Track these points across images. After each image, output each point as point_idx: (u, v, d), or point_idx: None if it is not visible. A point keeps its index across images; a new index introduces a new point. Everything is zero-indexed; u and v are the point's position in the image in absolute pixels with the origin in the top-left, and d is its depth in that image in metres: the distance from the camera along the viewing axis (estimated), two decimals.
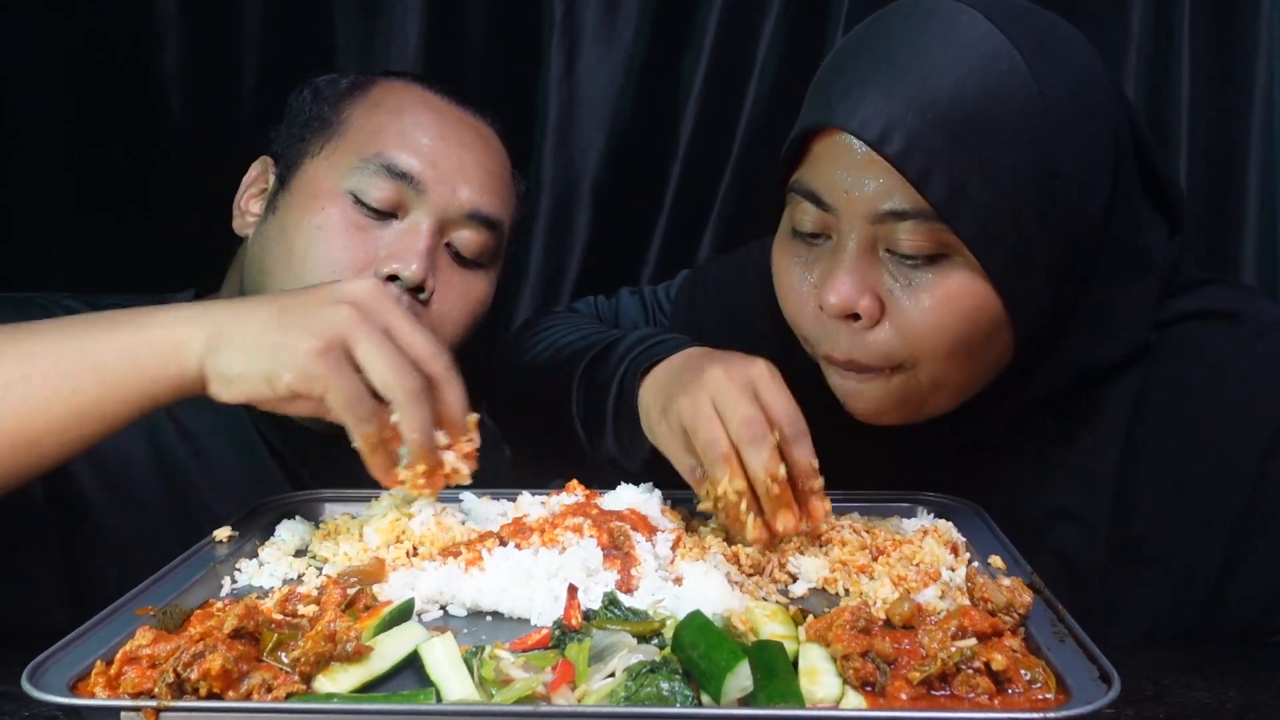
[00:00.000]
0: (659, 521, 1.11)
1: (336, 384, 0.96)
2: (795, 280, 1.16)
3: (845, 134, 1.07)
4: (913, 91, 1.03)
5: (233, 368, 0.98)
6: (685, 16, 1.95)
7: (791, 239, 1.17)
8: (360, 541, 1.07)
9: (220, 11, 1.88)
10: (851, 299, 1.09)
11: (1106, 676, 0.78)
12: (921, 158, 1.02)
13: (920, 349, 1.10)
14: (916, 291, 1.08)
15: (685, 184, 1.99)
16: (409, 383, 0.99)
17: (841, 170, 1.08)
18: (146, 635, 0.82)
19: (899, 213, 1.06)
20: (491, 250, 1.43)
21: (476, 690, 0.80)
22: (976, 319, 1.09)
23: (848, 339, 1.11)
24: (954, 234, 1.04)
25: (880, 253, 1.09)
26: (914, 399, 1.14)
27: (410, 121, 1.41)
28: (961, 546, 1.08)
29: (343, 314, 0.99)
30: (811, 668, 0.82)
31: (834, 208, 1.10)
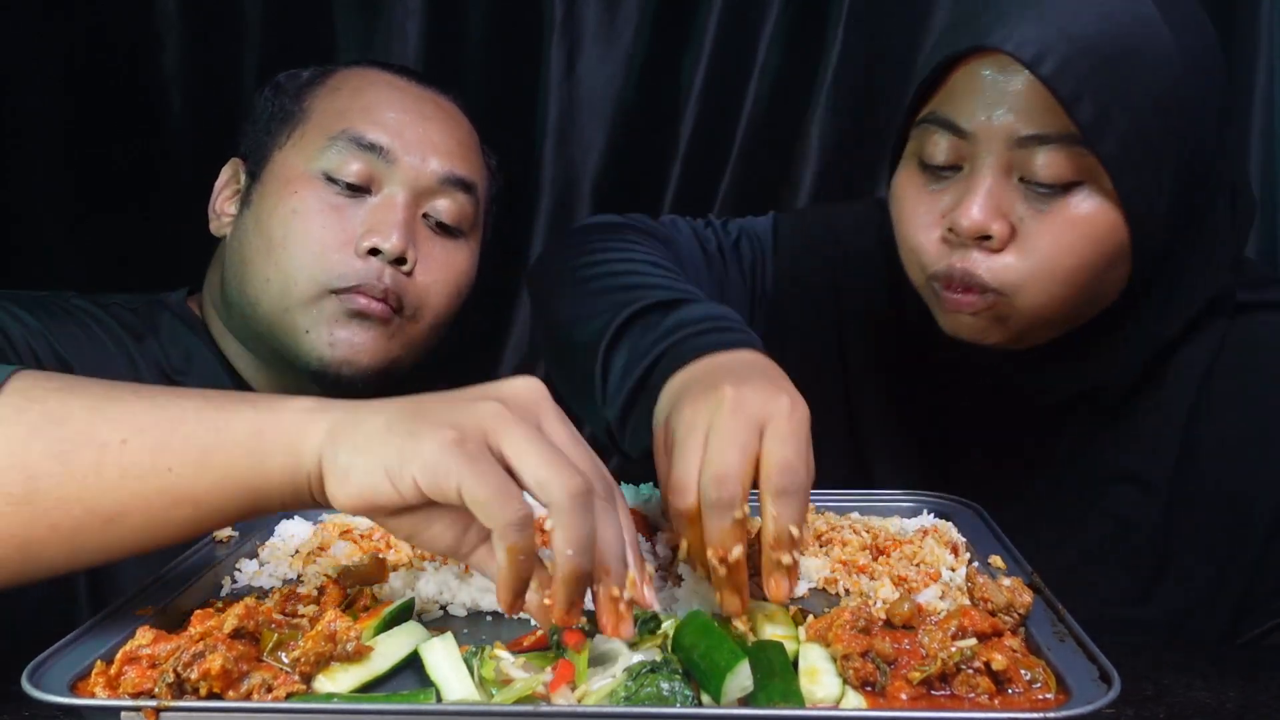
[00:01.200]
0: (659, 521, 1.11)
1: (475, 476, 0.77)
2: (922, 208, 1.19)
3: (986, 63, 1.11)
4: (1064, 20, 1.08)
5: (353, 461, 0.81)
6: (685, 16, 1.95)
7: (919, 171, 1.20)
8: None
9: (220, 11, 1.88)
10: (984, 221, 1.12)
11: (1106, 676, 0.78)
12: (1073, 80, 1.07)
13: (1042, 273, 1.12)
14: (1048, 216, 1.12)
15: (685, 184, 1.99)
16: (569, 480, 0.78)
17: (983, 96, 1.12)
18: (146, 635, 0.82)
19: (1041, 137, 1.09)
20: (470, 216, 1.45)
21: (477, 690, 0.80)
22: (1105, 246, 1.12)
23: (971, 255, 1.14)
24: (1094, 158, 1.08)
25: (1014, 180, 1.13)
26: (1011, 321, 1.17)
27: (373, 98, 1.42)
28: (962, 546, 1.08)
29: (489, 408, 0.81)
30: (812, 668, 0.82)
31: (972, 134, 1.13)
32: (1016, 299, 1.14)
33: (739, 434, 0.87)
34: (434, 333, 1.46)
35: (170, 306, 1.47)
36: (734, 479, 0.86)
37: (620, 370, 1.07)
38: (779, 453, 0.87)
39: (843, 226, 1.46)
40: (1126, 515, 1.27)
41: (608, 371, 1.08)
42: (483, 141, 1.53)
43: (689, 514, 0.88)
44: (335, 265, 1.35)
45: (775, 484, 0.86)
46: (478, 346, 2.02)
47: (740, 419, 0.88)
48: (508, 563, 0.79)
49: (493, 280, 1.99)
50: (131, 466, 0.84)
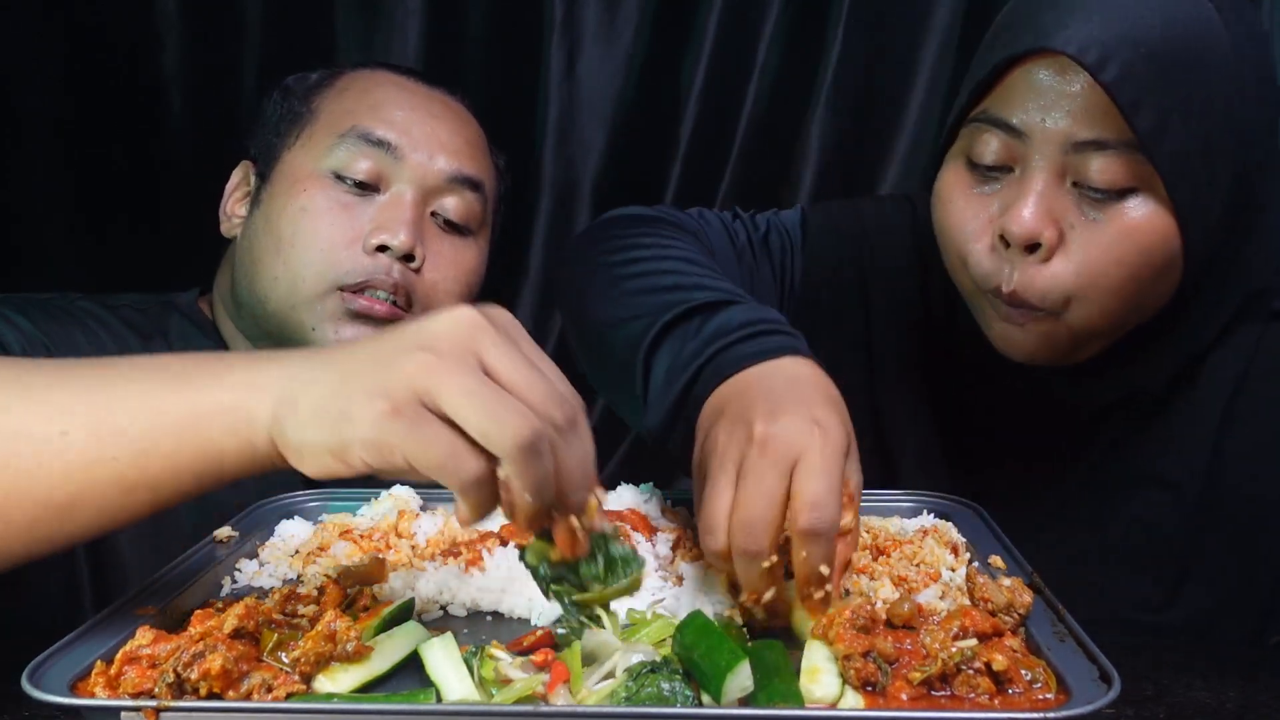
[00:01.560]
0: (659, 521, 1.11)
1: (418, 446, 0.75)
2: (970, 212, 1.17)
3: (1045, 65, 1.10)
4: (1127, 26, 1.06)
5: (301, 442, 0.80)
6: (685, 16, 1.95)
7: (966, 171, 1.18)
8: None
9: (220, 11, 1.88)
10: (1035, 228, 1.10)
11: (1107, 676, 0.78)
12: (1134, 87, 1.05)
13: (1094, 282, 1.11)
14: (1101, 224, 1.10)
15: (685, 184, 1.99)
16: (516, 430, 0.75)
17: (1041, 98, 1.10)
18: (146, 635, 0.82)
19: (1099, 142, 1.08)
20: (478, 215, 1.46)
21: (476, 690, 0.80)
22: (1156, 255, 1.11)
23: (1020, 272, 1.12)
24: (1149, 166, 1.07)
25: (1067, 185, 1.11)
26: (1068, 340, 1.16)
27: (380, 97, 1.44)
28: (962, 547, 1.08)
29: (417, 362, 0.76)
30: (813, 667, 0.82)
31: (1027, 135, 1.11)
32: (1070, 315, 1.13)
33: (767, 478, 0.85)
34: None
35: (180, 308, 1.48)
36: (761, 529, 0.85)
37: (662, 380, 1.04)
38: (808, 490, 0.85)
39: (871, 222, 1.44)
40: (1154, 519, 1.26)
41: (649, 379, 1.05)
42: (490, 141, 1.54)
43: (720, 554, 0.87)
44: (343, 262, 1.36)
45: (803, 524, 0.84)
46: None
47: (769, 459, 0.86)
48: (470, 510, 0.79)
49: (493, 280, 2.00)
50: (75, 459, 0.83)
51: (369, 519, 1.14)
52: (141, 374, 0.86)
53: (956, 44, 1.93)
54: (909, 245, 1.37)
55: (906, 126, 1.97)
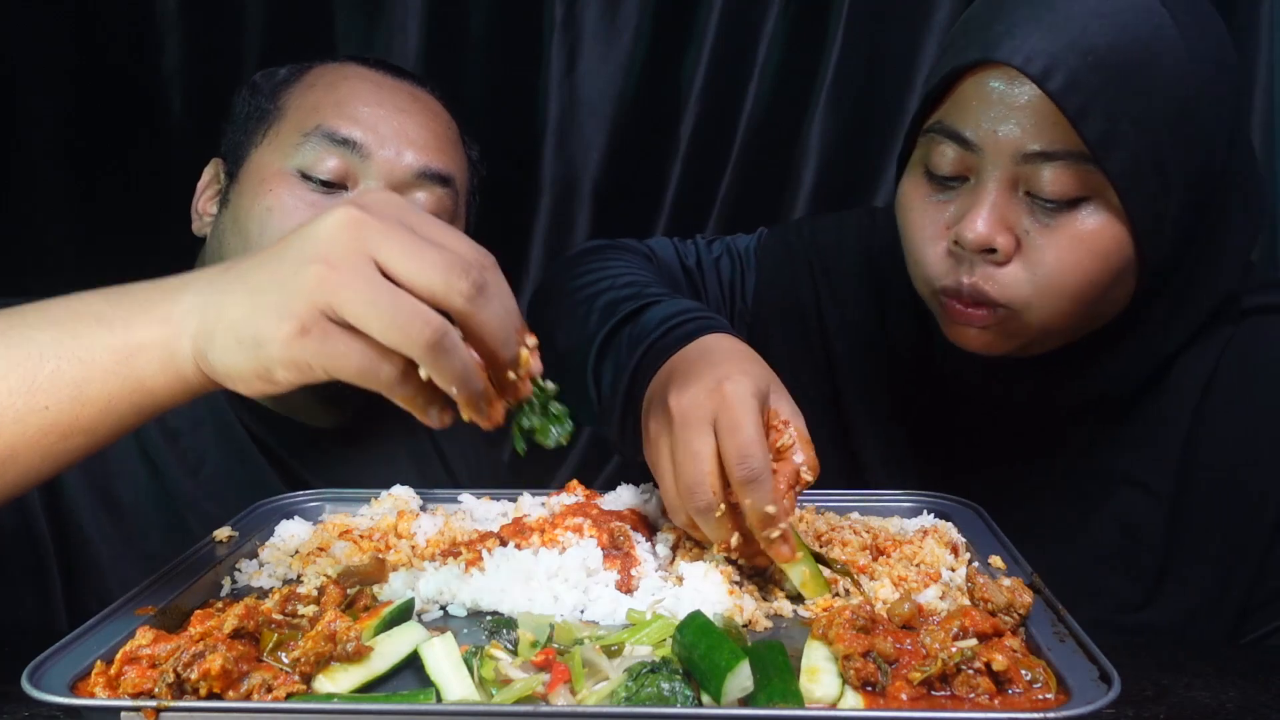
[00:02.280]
0: (659, 521, 1.11)
1: (332, 361, 0.79)
2: (927, 217, 1.18)
3: (995, 75, 1.10)
4: (1074, 34, 1.07)
5: (226, 369, 0.83)
6: (685, 16, 1.96)
7: (924, 180, 1.19)
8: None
9: (220, 11, 1.88)
10: (988, 235, 1.11)
11: (1106, 677, 0.78)
12: (1080, 96, 1.06)
13: (1049, 287, 1.12)
14: (1054, 232, 1.11)
15: (685, 184, 1.99)
16: (418, 334, 0.78)
17: (991, 109, 1.11)
18: (146, 635, 0.82)
19: (1047, 153, 1.09)
20: (449, 209, 1.42)
21: (476, 690, 0.80)
22: (1111, 261, 1.12)
23: (978, 271, 1.14)
24: (1101, 175, 1.08)
25: (1020, 193, 1.12)
26: (1019, 335, 1.17)
27: (346, 92, 1.40)
28: (962, 547, 1.08)
29: (311, 276, 0.79)
30: (813, 667, 0.82)
31: (979, 147, 1.12)
32: (1024, 314, 1.14)
33: (691, 444, 0.95)
34: None
35: None
36: (699, 487, 0.95)
37: (608, 389, 1.16)
38: (731, 446, 0.93)
39: (825, 237, 1.46)
40: (1130, 519, 1.26)
41: (599, 392, 1.17)
42: (463, 132, 1.51)
43: (686, 523, 0.99)
44: None
45: (737, 477, 0.93)
46: None
47: (688, 430, 0.96)
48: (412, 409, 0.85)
49: None
50: (5, 411, 0.84)
51: (369, 519, 1.14)
52: (64, 317, 0.87)
53: None
54: (860, 258, 1.39)
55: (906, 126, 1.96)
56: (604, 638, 0.88)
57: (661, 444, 0.99)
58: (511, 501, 1.19)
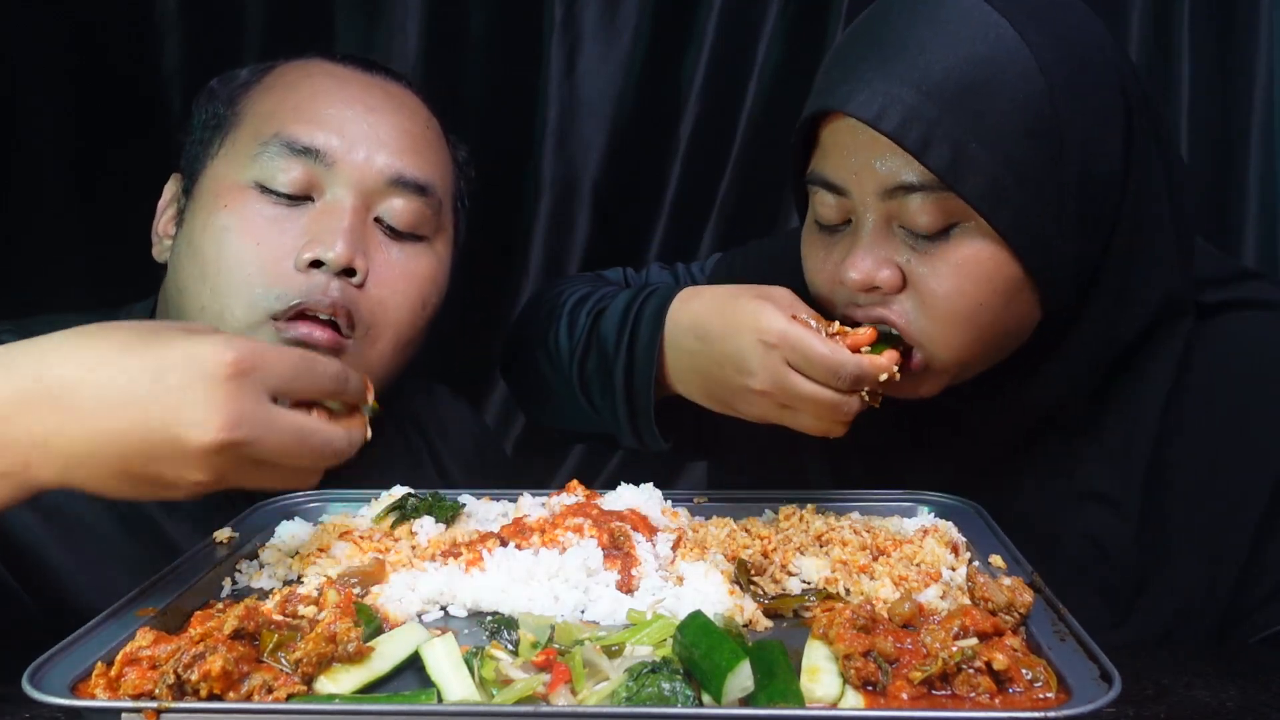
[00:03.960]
0: (659, 521, 1.11)
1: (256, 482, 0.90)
2: (819, 264, 1.20)
3: (840, 122, 1.12)
4: (905, 68, 1.07)
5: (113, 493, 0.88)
6: (685, 16, 1.96)
7: (817, 232, 1.21)
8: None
9: (220, 11, 1.88)
10: (870, 273, 1.13)
11: (1107, 676, 0.78)
12: (919, 129, 1.06)
13: (941, 317, 1.12)
14: (933, 261, 1.12)
15: (685, 184, 1.99)
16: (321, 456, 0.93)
17: (848, 154, 1.12)
18: (147, 636, 0.82)
19: (907, 186, 1.09)
20: (429, 219, 1.30)
21: (477, 691, 0.80)
22: (994, 283, 1.11)
23: (874, 309, 1.15)
24: (961, 200, 1.07)
25: (895, 229, 1.13)
26: (943, 371, 1.16)
27: (309, 93, 1.27)
28: (962, 546, 1.08)
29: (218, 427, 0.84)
30: (814, 666, 0.82)
31: (847, 190, 1.13)
32: (928, 348, 1.14)
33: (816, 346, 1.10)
34: (400, 352, 1.30)
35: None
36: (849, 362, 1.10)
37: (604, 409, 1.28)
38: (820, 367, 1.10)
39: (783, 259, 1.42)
40: (1099, 536, 1.23)
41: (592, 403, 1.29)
42: (449, 131, 1.40)
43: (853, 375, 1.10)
44: (274, 284, 1.19)
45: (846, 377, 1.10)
46: (476, 348, 2.02)
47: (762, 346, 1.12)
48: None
49: (492, 280, 2.00)
50: None
51: (369, 520, 1.14)
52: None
53: None
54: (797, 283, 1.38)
55: None
56: (604, 638, 0.88)
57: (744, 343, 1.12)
58: (512, 502, 1.19)
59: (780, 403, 1.13)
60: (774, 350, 1.11)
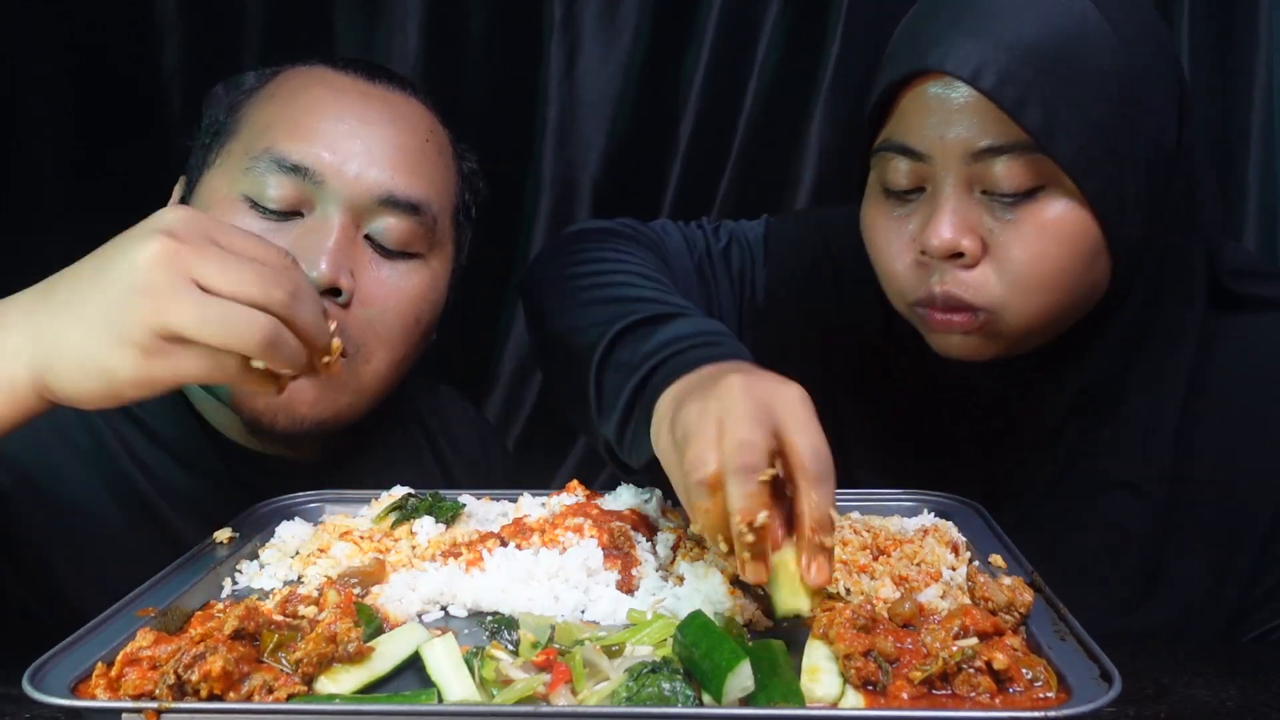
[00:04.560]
0: (659, 521, 1.11)
1: (178, 373, 0.86)
2: (891, 234, 1.19)
3: (933, 83, 1.12)
4: (998, 33, 1.09)
5: (71, 394, 0.89)
6: (685, 16, 1.96)
7: (884, 198, 1.20)
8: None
9: (220, 11, 1.88)
10: (955, 238, 1.12)
11: (1107, 675, 0.78)
12: (1015, 89, 1.08)
13: (1021, 282, 1.12)
14: (1017, 225, 1.12)
15: (685, 184, 1.99)
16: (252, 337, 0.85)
17: (933, 116, 1.12)
18: (147, 637, 0.82)
19: (995, 148, 1.10)
20: (423, 237, 1.28)
21: (478, 691, 0.80)
22: (1077, 246, 1.12)
23: (949, 277, 1.14)
24: (1051, 161, 1.09)
25: (976, 194, 1.13)
26: (1004, 336, 1.17)
27: (304, 106, 1.25)
28: (962, 546, 1.08)
29: (141, 307, 0.85)
30: (814, 666, 0.82)
31: (928, 155, 1.13)
32: (1004, 314, 1.14)
33: (754, 412, 0.87)
34: (394, 368, 1.29)
35: None
36: (757, 446, 0.85)
37: (614, 383, 1.06)
38: (805, 440, 0.86)
39: (833, 232, 1.44)
40: (1121, 523, 1.26)
41: (601, 385, 1.08)
42: (457, 141, 1.38)
43: (711, 481, 0.85)
44: None
45: (811, 471, 0.85)
46: (477, 347, 2.02)
47: (752, 401, 0.87)
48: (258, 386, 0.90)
49: (492, 281, 2.00)
50: None
51: (369, 520, 1.14)
52: None
53: None
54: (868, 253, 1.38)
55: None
56: (605, 638, 0.88)
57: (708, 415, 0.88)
58: (512, 502, 1.19)
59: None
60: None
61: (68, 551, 1.19)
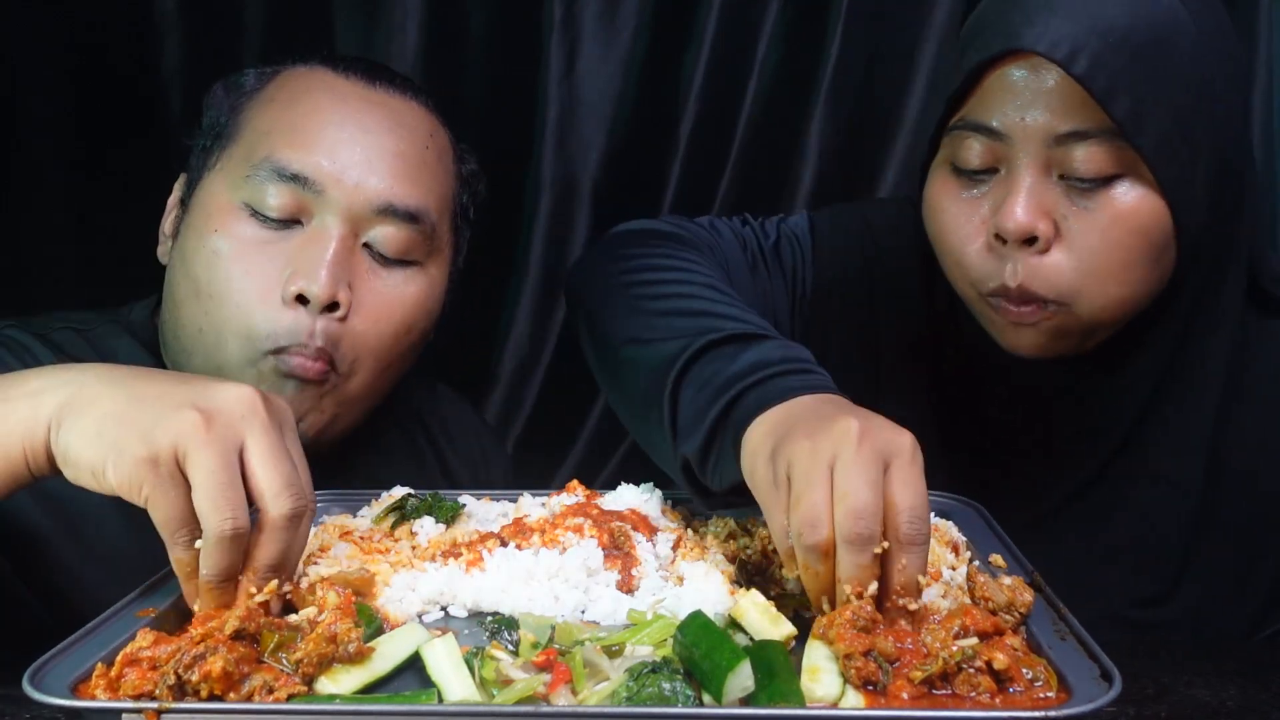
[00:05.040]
0: (659, 521, 1.11)
1: (156, 500, 0.87)
2: (961, 216, 1.19)
3: (1018, 64, 1.12)
4: (1092, 16, 1.09)
5: (69, 449, 0.90)
6: (685, 16, 1.95)
7: (954, 178, 1.19)
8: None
9: (220, 11, 1.88)
10: (1031, 221, 1.12)
11: (1107, 675, 0.78)
12: (1106, 75, 1.08)
13: (1095, 271, 1.13)
14: (1093, 213, 1.12)
15: (685, 184, 1.99)
16: (222, 524, 0.86)
17: (1017, 98, 1.12)
18: (147, 637, 0.82)
19: (1080, 133, 1.10)
20: (421, 245, 1.27)
21: (478, 691, 0.80)
22: (1151, 237, 1.13)
23: (1022, 265, 1.14)
24: (1132, 151, 1.09)
25: (1054, 179, 1.13)
26: (1075, 331, 1.17)
27: (305, 112, 1.25)
28: (962, 546, 1.08)
29: (187, 422, 0.87)
30: (814, 666, 0.82)
31: (1008, 136, 1.13)
32: (1077, 306, 1.14)
33: (869, 469, 0.85)
34: (380, 376, 1.29)
35: (132, 327, 1.35)
36: (871, 514, 0.83)
37: (695, 403, 1.02)
38: (908, 500, 0.85)
39: (878, 226, 1.43)
40: (1154, 515, 1.26)
41: (677, 402, 1.04)
42: (457, 143, 1.37)
43: (824, 547, 0.85)
44: (261, 322, 1.20)
45: (906, 534, 0.85)
46: (477, 347, 2.02)
47: (867, 452, 0.85)
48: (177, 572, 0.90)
49: (492, 281, 2.00)
50: None
51: (369, 520, 1.14)
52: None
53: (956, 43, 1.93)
54: (914, 247, 1.37)
55: (906, 126, 1.97)
56: (605, 638, 0.88)
57: (820, 461, 0.86)
58: (512, 502, 1.19)
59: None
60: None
61: (68, 551, 1.20)
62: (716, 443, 0.99)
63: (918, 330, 1.37)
